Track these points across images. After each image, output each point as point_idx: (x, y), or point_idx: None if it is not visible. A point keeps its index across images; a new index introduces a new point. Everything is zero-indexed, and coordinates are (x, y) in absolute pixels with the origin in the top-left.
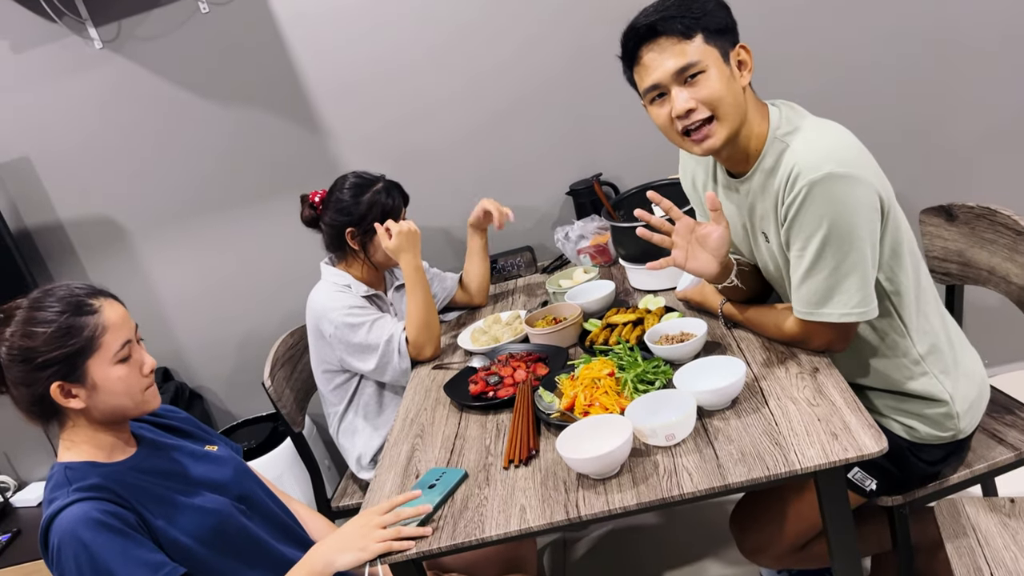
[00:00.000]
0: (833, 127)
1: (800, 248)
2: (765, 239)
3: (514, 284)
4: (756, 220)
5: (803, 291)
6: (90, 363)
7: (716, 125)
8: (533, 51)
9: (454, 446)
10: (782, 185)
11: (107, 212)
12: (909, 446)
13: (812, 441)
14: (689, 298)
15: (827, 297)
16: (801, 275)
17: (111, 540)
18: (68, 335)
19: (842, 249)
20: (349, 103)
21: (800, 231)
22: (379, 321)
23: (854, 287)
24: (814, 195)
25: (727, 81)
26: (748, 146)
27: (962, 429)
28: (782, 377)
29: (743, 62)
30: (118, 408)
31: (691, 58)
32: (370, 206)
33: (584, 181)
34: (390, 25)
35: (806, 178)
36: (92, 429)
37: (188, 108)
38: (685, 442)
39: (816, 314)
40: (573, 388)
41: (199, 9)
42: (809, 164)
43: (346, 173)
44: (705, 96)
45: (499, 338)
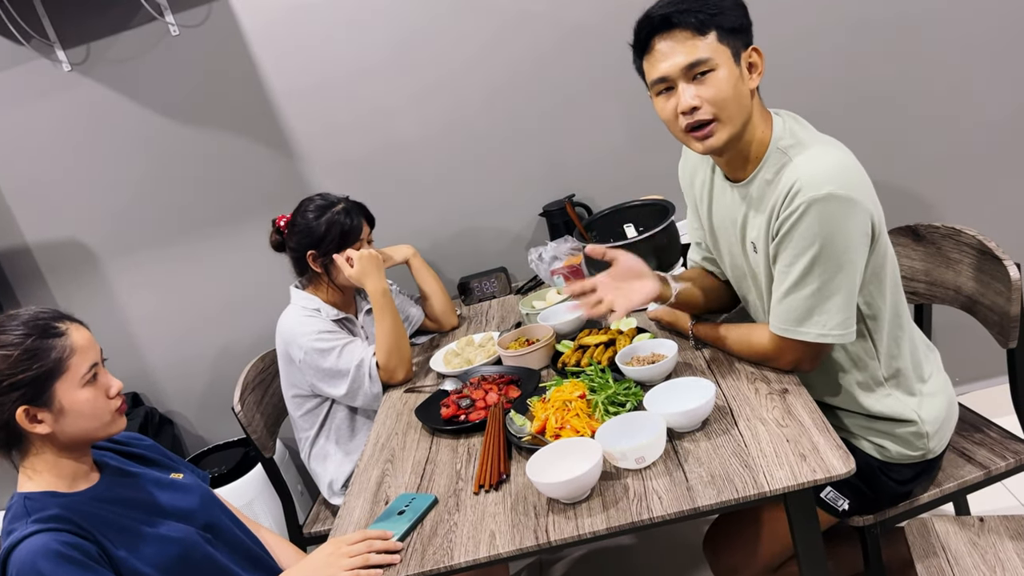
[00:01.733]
0: (838, 147)
1: (787, 264)
2: (753, 249)
3: (488, 305)
4: (747, 229)
5: (783, 307)
6: (57, 386)
7: (718, 125)
8: (505, 72)
9: (425, 471)
10: (780, 199)
11: (76, 236)
12: (880, 465)
13: (781, 463)
14: (660, 318)
15: (807, 316)
16: (784, 291)
17: (70, 572)
18: (35, 357)
19: (830, 270)
20: (321, 125)
21: (791, 247)
22: (349, 346)
23: (835, 308)
24: (810, 213)
25: (735, 82)
26: (748, 152)
27: (932, 449)
28: (751, 398)
29: (754, 64)
30: (84, 432)
31: (702, 55)
32: (329, 227)
33: (557, 202)
34: (363, 49)
35: (806, 195)
36: (55, 456)
37: (158, 131)
38: (655, 465)
39: (793, 331)
40: (544, 411)
41: (169, 31)
42: (811, 182)
43: (311, 195)
44: (711, 96)
45: (472, 360)
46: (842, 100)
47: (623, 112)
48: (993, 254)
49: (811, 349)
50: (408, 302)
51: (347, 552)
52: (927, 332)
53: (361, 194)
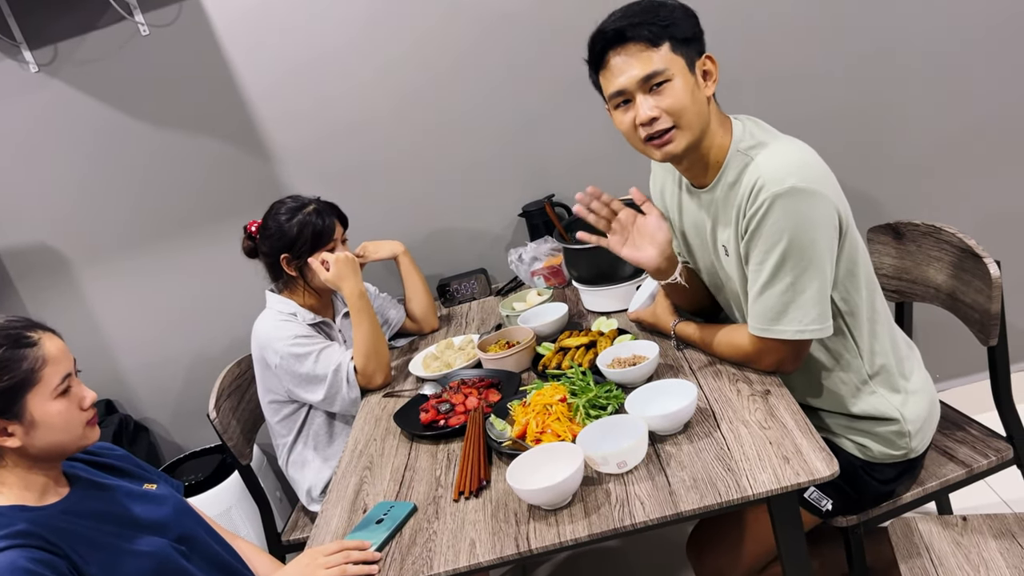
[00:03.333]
0: (797, 144)
1: (758, 262)
2: (725, 252)
3: (468, 307)
4: (718, 233)
5: (759, 306)
6: (29, 398)
7: (677, 132)
8: (484, 71)
9: (403, 478)
10: (744, 197)
11: (46, 240)
12: (863, 465)
13: (764, 466)
14: (641, 319)
15: (782, 313)
16: (758, 289)
17: None
18: (6, 369)
19: (800, 264)
20: (295, 126)
21: (759, 244)
22: (326, 350)
23: (810, 303)
24: (775, 208)
25: (691, 91)
26: (708, 157)
27: (914, 448)
28: (734, 399)
29: (708, 72)
30: (56, 445)
31: (657, 66)
32: (301, 228)
33: (537, 202)
34: (337, 49)
35: (769, 191)
36: (24, 470)
37: (129, 132)
38: (637, 469)
39: (771, 330)
40: (525, 415)
41: (139, 31)
42: (772, 177)
43: (282, 198)
44: (668, 105)
45: (452, 364)
46: (820, 99)
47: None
48: (973, 252)
49: (791, 347)
50: (388, 303)
51: (323, 563)
52: (907, 330)
53: (337, 194)
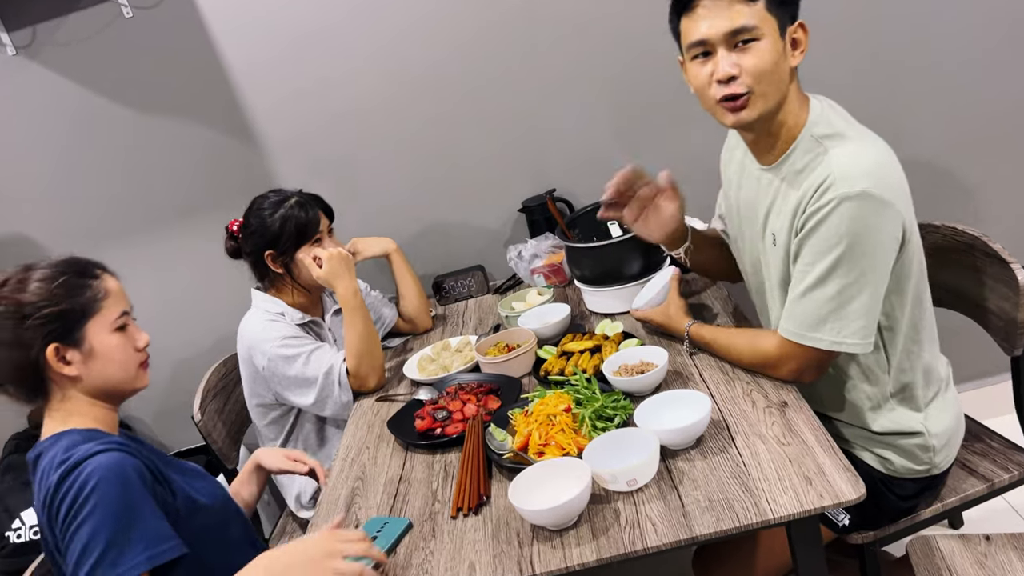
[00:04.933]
0: (876, 142)
1: (808, 262)
2: (773, 241)
3: (465, 306)
4: (770, 218)
5: (798, 309)
6: (89, 326)
7: (753, 98)
8: (484, 60)
9: (398, 490)
10: (809, 192)
11: (22, 230)
12: (883, 479)
13: (784, 486)
14: (649, 319)
15: (823, 320)
16: (801, 291)
17: (142, 491)
18: (69, 294)
19: (853, 272)
20: (286, 114)
21: (814, 244)
22: (316, 352)
23: (854, 315)
24: (841, 210)
25: (777, 57)
26: (779, 134)
27: (937, 464)
28: (749, 412)
29: (798, 41)
30: (111, 381)
31: (748, 21)
32: (284, 222)
33: (537, 197)
34: (330, 32)
35: (839, 191)
36: (88, 404)
37: (111, 119)
38: (648, 487)
39: (806, 336)
40: (527, 425)
41: (122, 13)
42: (845, 177)
43: (264, 193)
44: (751, 66)
45: (448, 367)
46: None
47: (607, 103)
48: (999, 257)
49: (819, 357)
50: (380, 302)
51: (340, 553)
52: None
53: (329, 186)
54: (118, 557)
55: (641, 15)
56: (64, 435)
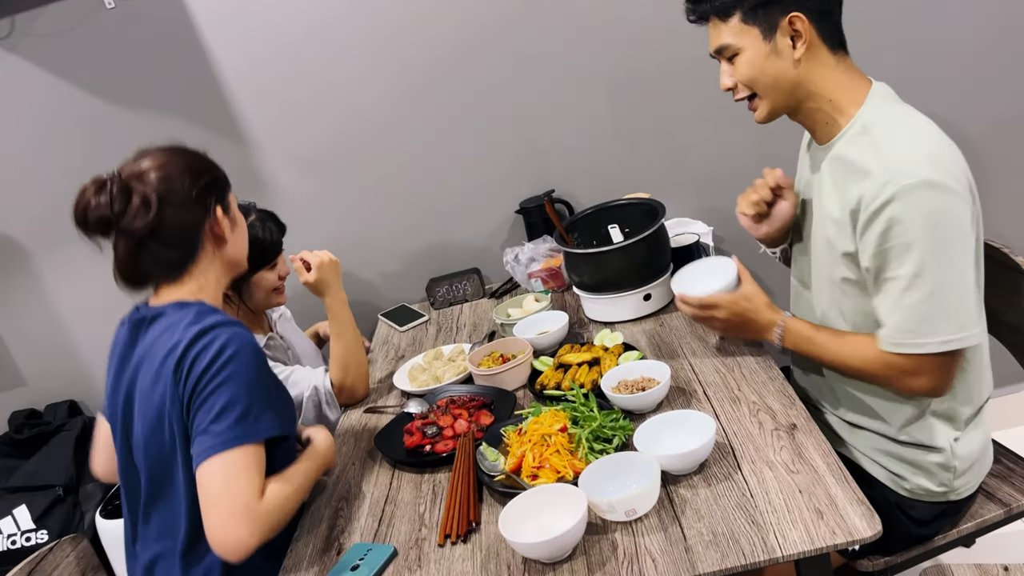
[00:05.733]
0: (933, 132)
1: (892, 267)
2: (822, 225)
3: (459, 310)
4: (823, 201)
5: (896, 319)
6: (230, 195)
7: (758, 100)
8: (480, 56)
9: (383, 513)
10: (867, 185)
11: (3, 229)
12: (898, 501)
13: (794, 519)
14: (718, 303)
15: (922, 323)
16: (894, 300)
17: (272, 372)
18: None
19: (941, 265)
20: (275, 111)
21: (890, 245)
22: (293, 376)
23: (954, 309)
24: (908, 203)
25: (762, 62)
26: (820, 119)
27: (957, 488)
28: (756, 435)
29: (797, 33)
30: (242, 252)
31: (724, 40)
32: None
33: (535, 198)
34: (323, 27)
35: (899, 183)
36: (217, 278)
37: (92, 112)
38: (648, 517)
39: (912, 344)
40: (521, 446)
41: (103, 4)
42: (901, 168)
43: None
44: (740, 78)
45: (440, 377)
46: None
47: (608, 102)
48: (1020, 269)
49: (938, 363)
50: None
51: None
52: None
53: (317, 185)
54: (259, 416)
55: (642, 15)
56: (192, 304)
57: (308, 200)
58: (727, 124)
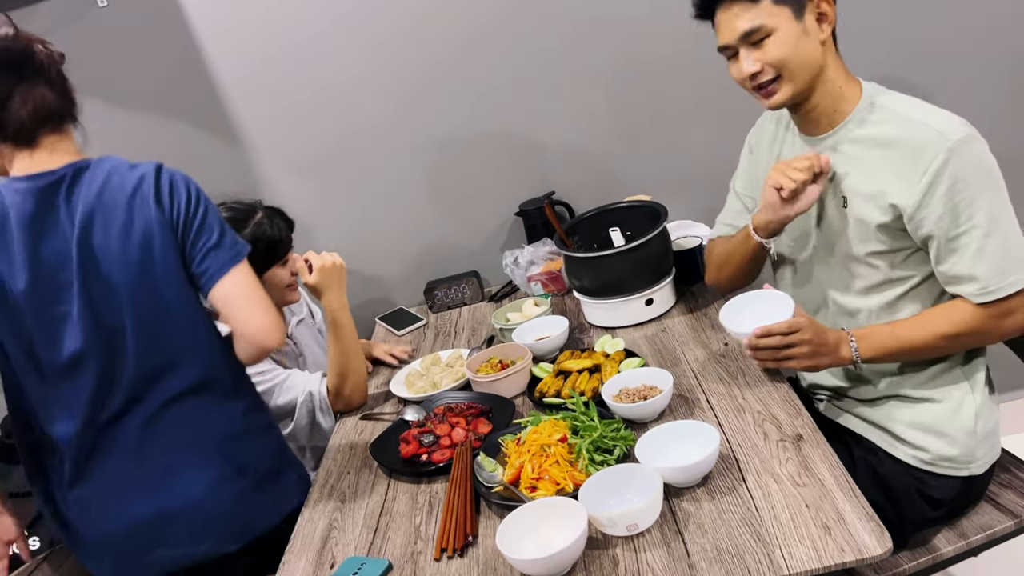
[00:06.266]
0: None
1: (964, 220)
2: (843, 203)
3: (458, 314)
4: (835, 184)
5: (984, 266)
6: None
7: (781, 83)
8: (479, 56)
9: (378, 525)
10: (912, 152)
11: None
12: (918, 484)
13: (801, 536)
14: (801, 327)
15: (1015, 261)
16: (976, 249)
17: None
18: None
19: (1004, 208)
20: (271, 112)
21: (957, 200)
22: (288, 380)
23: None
24: (962, 158)
25: (795, 40)
26: (827, 106)
27: (977, 458)
28: (760, 446)
29: (823, 14)
30: None
31: (755, 23)
32: (254, 240)
33: (535, 200)
34: (320, 26)
35: (948, 141)
36: None
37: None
38: (650, 531)
39: (1008, 285)
40: (519, 456)
41: (96, 3)
42: (945, 128)
43: (222, 203)
44: (770, 59)
45: (437, 383)
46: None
47: (609, 102)
48: None
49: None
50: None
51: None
52: None
53: (313, 186)
54: (237, 237)
55: (643, 15)
56: (106, 157)
57: (306, 203)
58: (730, 125)
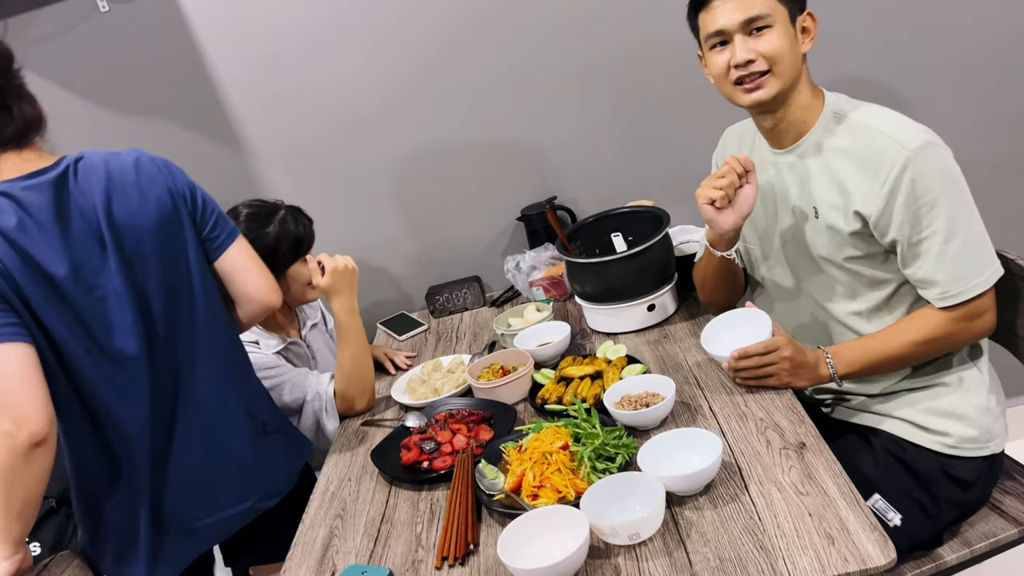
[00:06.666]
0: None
1: (924, 226)
2: (815, 214)
3: (459, 319)
4: (804, 194)
5: (946, 270)
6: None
7: (770, 78)
8: (481, 59)
9: (379, 533)
10: (872, 160)
11: None
12: (942, 465)
13: (804, 545)
14: (778, 345)
15: (974, 264)
16: (936, 256)
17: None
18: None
19: (965, 213)
20: (273, 116)
21: (917, 208)
22: (297, 378)
23: (985, 243)
24: (920, 165)
25: (790, 41)
26: (797, 117)
27: (996, 435)
28: (763, 453)
29: (807, 29)
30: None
31: (760, 10)
32: (280, 235)
33: (537, 205)
34: (322, 30)
35: (906, 148)
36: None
37: (86, 118)
38: (652, 540)
39: (968, 289)
40: (521, 464)
41: (98, 7)
42: (901, 136)
43: (238, 205)
44: (767, 50)
45: (439, 390)
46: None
47: (612, 108)
48: None
49: (990, 296)
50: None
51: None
52: None
53: (317, 192)
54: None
55: (645, 18)
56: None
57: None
58: None
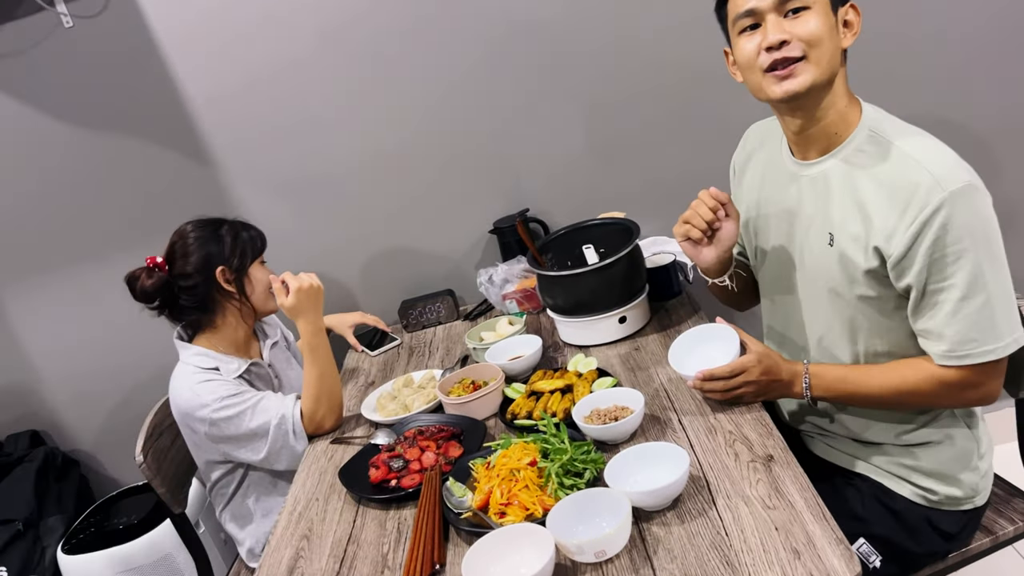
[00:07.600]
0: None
1: (946, 275)
2: (830, 242)
3: (433, 333)
4: (821, 216)
5: (956, 327)
6: None
7: (805, 65)
8: (451, 72)
9: (345, 554)
10: (903, 194)
11: None
12: (927, 515)
13: (770, 560)
14: (746, 367)
15: (990, 327)
16: (952, 308)
17: None
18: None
19: (994, 268)
20: (240, 129)
21: (944, 253)
22: (262, 402)
23: (1009, 309)
24: (959, 209)
25: (830, 29)
26: (828, 124)
27: (981, 491)
28: (731, 467)
29: (850, 23)
30: None
31: None
32: (235, 236)
33: (510, 217)
34: (287, 43)
35: (946, 189)
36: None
37: (52, 136)
38: (619, 557)
39: (976, 354)
40: (488, 481)
41: (61, 23)
42: (943, 174)
43: (184, 224)
44: (804, 33)
45: (409, 406)
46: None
47: (584, 118)
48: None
49: (996, 369)
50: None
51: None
52: None
53: (287, 206)
54: None
55: (618, 29)
56: None
57: (277, 222)
58: (703, 141)
